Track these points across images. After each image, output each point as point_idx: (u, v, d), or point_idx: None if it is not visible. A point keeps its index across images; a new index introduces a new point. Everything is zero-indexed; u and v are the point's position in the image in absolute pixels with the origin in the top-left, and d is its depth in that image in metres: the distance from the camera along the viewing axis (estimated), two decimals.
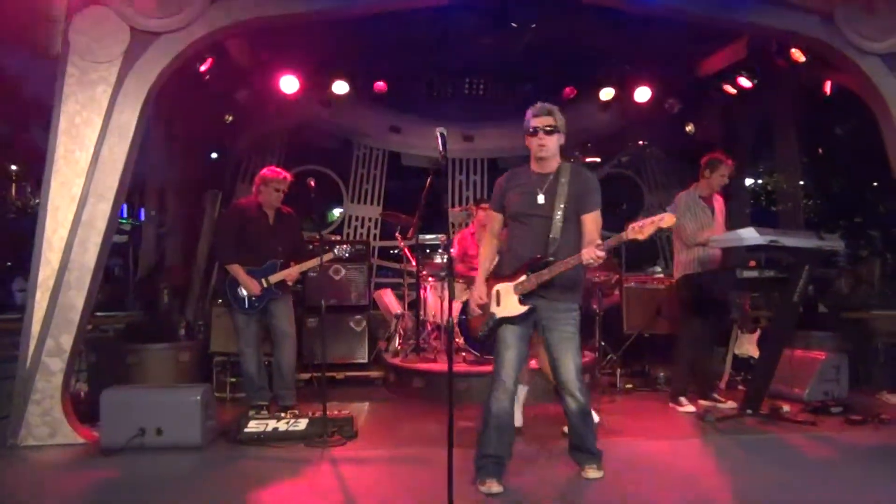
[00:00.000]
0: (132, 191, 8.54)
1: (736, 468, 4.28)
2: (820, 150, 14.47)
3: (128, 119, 5.14)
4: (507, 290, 3.92)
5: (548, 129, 3.87)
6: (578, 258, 3.65)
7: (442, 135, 3.54)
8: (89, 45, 5.08)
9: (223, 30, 5.45)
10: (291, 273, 5.65)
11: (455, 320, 6.71)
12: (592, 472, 4.01)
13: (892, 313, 9.79)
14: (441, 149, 3.54)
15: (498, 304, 3.95)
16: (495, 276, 4.04)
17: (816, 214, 13.60)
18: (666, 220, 3.53)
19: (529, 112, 3.95)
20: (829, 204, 13.98)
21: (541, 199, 3.89)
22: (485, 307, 4.02)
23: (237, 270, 5.53)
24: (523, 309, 3.86)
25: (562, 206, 3.82)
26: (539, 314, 3.88)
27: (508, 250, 4.03)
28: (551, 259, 3.77)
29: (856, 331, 7.79)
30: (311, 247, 5.96)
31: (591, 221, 3.83)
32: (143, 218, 12.64)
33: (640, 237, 3.56)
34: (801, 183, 14.39)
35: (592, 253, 3.57)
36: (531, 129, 3.91)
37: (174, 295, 7.22)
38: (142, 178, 8.55)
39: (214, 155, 8.86)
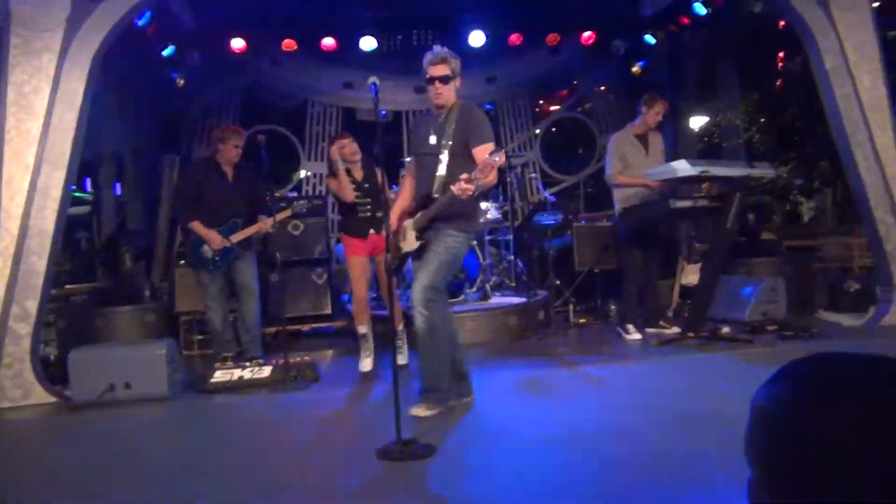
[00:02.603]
0: (93, 165, 8.63)
1: (668, 384, 4.60)
2: (778, 83, 14.78)
3: (75, 86, 5.23)
4: (409, 226, 4.13)
5: (443, 77, 4.01)
6: (451, 193, 3.72)
7: (374, 84, 3.72)
8: (31, 14, 5.14)
9: None
10: (260, 228, 5.70)
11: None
12: (416, 410, 3.96)
13: (837, 239, 10.22)
14: (374, 98, 3.73)
15: (404, 238, 4.18)
16: (409, 214, 4.23)
17: (768, 147, 13.94)
18: (499, 159, 3.61)
19: (425, 59, 4.06)
20: (781, 136, 14.33)
21: (432, 139, 4.06)
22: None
23: (198, 227, 5.58)
24: (417, 244, 4.08)
25: (448, 143, 3.96)
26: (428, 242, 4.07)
27: (416, 188, 4.24)
28: (436, 196, 3.95)
29: (799, 257, 8.16)
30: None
31: (480, 153, 3.87)
32: (102, 189, 12.67)
33: (482, 177, 3.63)
34: (761, 119, 14.74)
35: (459, 186, 3.63)
36: (427, 78, 4.04)
37: (137, 259, 7.37)
38: (98, 148, 8.63)
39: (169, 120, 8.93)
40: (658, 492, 2.81)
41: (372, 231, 5.42)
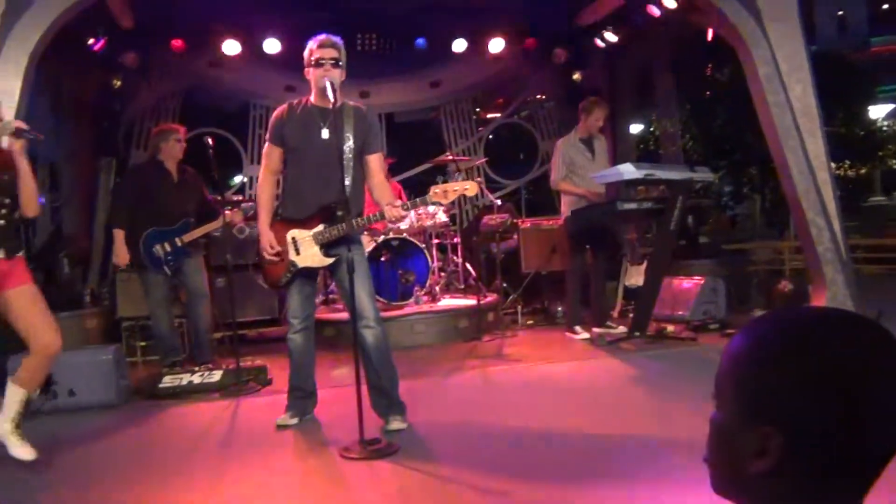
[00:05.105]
0: None
1: (621, 381, 4.73)
2: (708, 94, 15.31)
3: (12, 85, 5.04)
4: (305, 239, 3.74)
5: (333, 61, 3.72)
6: (382, 214, 3.59)
7: (331, 83, 3.69)
8: None
9: None
10: (217, 225, 5.51)
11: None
12: (396, 423, 3.75)
13: (767, 243, 10.63)
14: (332, 98, 3.70)
15: (297, 252, 3.77)
16: (284, 219, 3.84)
17: (700, 155, 14.45)
18: (470, 188, 3.58)
19: (313, 43, 3.77)
20: (712, 144, 14.88)
21: (325, 133, 3.73)
22: (280, 254, 3.79)
23: (119, 235, 5.41)
24: (330, 260, 3.74)
25: (350, 145, 3.65)
26: (344, 256, 3.58)
27: (292, 188, 3.85)
28: (342, 207, 3.56)
29: (734, 259, 8.49)
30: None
31: (377, 162, 3.77)
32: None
33: (444, 201, 3.61)
34: (686, 125, 15.31)
35: (397, 212, 3.55)
36: (316, 61, 3.72)
37: (75, 264, 7.13)
38: (31, 151, 8.30)
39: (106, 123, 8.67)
40: (618, 482, 2.89)
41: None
